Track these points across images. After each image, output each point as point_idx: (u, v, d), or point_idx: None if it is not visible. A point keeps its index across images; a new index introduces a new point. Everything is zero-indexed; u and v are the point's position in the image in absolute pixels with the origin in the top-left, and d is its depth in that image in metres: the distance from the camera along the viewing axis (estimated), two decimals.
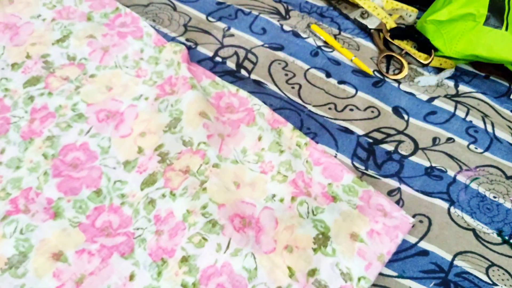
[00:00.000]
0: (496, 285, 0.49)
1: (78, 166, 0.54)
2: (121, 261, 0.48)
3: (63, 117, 0.57)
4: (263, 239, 0.49)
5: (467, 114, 0.63)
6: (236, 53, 0.67)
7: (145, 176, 0.53)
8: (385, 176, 0.56)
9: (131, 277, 0.47)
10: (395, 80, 0.66)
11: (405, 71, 0.66)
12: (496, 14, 0.63)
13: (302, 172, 0.54)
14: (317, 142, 0.59)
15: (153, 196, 0.51)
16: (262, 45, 0.68)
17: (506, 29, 0.62)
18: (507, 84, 0.67)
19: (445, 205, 0.55)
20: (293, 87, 0.64)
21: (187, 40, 0.68)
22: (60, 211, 0.50)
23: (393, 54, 0.68)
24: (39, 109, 0.58)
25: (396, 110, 0.63)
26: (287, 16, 0.72)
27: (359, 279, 0.48)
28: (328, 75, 0.66)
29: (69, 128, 0.56)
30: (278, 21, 0.71)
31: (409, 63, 0.68)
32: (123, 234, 0.49)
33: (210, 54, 0.67)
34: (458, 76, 0.67)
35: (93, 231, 0.50)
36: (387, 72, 0.67)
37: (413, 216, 0.54)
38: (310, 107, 0.62)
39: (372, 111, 0.62)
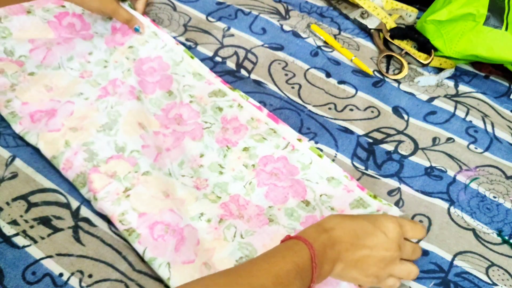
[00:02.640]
0: (496, 285, 0.49)
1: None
2: (192, 143, 0.57)
3: None
4: (183, 249, 0.48)
5: (467, 114, 0.63)
6: (236, 53, 0.67)
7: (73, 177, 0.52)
8: (385, 176, 0.56)
9: (201, 155, 0.56)
10: (395, 80, 0.66)
11: (405, 71, 0.66)
12: (496, 14, 0.63)
13: (238, 195, 0.53)
14: (316, 142, 0.59)
15: None
16: (262, 45, 0.68)
17: (506, 29, 0.62)
18: (507, 84, 0.67)
19: (445, 205, 0.55)
20: (293, 87, 0.64)
21: (187, 40, 0.68)
22: (141, 98, 0.59)
23: (393, 54, 0.68)
24: None
25: (396, 110, 0.63)
26: (287, 16, 0.72)
27: None
28: (328, 75, 0.66)
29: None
30: (278, 21, 0.71)
31: (409, 63, 0.68)
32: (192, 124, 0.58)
33: (210, 54, 0.67)
34: (458, 76, 0.67)
35: (166, 120, 0.59)
36: (387, 72, 0.67)
37: (413, 216, 0.54)
38: (310, 107, 0.62)
39: (372, 111, 0.62)
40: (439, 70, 0.68)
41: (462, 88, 0.66)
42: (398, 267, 0.46)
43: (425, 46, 0.67)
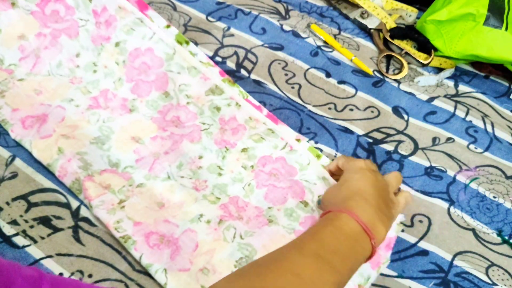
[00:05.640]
0: (496, 285, 0.49)
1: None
2: (190, 146, 0.56)
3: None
4: (178, 258, 0.48)
5: (467, 114, 0.63)
6: (236, 53, 0.67)
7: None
8: None
9: (200, 157, 0.56)
10: (395, 80, 0.66)
11: (405, 71, 0.66)
12: (496, 14, 0.63)
13: (237, 196, 0.53)
14: (316, 142, 0.59)
15: None
16: (262, 45, 0.68)
17: (506, 29, 0.62)
18: (507, 84, 0.67)
19: (445, 205, 0.55)
20: (293, 87, 0.64)
21: None
22: (134, 108, 0.59)
23: (393, 54, 0.68)
24: None
25: (396, 110, 0.63)
26: (287, 16, 0.72)
27: None
28: (328, 75, 0.66)
29: None
30: (278, 21, 0.71)
31: (409, 63, 0.68)
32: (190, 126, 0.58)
33: (210, 54, 0.67)
34: (458, 76, 0.67)
35: (163, 122, 0.58)
36: (387, 72, 0.67)
37: (413, 216, 0.54)
38: (310, 107, 0.62)
39: (372, 111, 0.62)
40: (439, 70, 0.68)
41: (462, 88, 0.66)
42: (388, 180, 0.49)
43: (425, 46, 0.67)
